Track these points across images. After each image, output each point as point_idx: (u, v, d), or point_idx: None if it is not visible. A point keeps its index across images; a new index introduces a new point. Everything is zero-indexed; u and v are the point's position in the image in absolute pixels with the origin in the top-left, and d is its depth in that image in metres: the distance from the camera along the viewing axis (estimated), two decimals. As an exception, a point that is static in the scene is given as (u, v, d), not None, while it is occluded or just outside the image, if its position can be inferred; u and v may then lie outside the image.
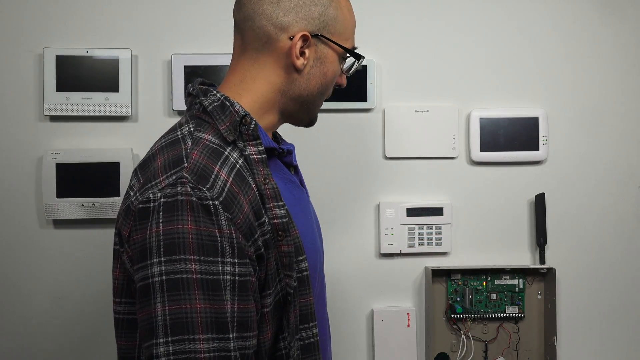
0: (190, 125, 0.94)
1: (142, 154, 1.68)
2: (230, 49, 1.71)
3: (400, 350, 1.72)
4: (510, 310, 1.72)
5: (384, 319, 1.71)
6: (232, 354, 0.81)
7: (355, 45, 1.05)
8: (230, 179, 0.86)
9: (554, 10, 1.78)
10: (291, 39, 0.96)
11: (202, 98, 0.96)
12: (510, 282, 1.73)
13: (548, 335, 1.71)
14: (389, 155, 1.73)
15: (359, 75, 1.70)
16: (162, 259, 0.81)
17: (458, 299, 1.72)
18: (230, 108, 0.93)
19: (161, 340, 0.79)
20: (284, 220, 0.90)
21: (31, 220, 1.66)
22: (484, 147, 1.74)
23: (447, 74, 1.76)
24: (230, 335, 0.81)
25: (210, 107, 0.94)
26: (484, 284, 1.73)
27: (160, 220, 0.82)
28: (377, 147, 1.74)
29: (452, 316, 1.71)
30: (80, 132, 1.66)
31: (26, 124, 1.65)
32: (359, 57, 1.03)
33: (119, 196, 1.63)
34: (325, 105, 1.71)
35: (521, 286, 1.73)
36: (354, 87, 1.70)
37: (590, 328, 1.79)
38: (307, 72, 0.99)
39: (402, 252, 1.72)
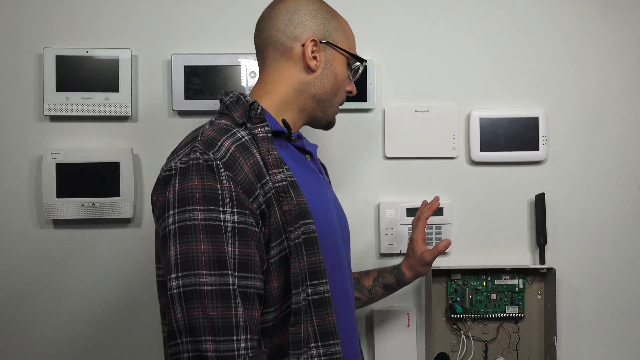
0: (213, 118, 1.15)
1: (142, 154, 1.68)
2: (230, 49, 1.72)
3: (400, 350, 1.72)
4: (510, 310, 1.72)
5: (384, 319, 1.71)
6: (231, 287, 0.96)
7: (358, 55, 1.25)
8: (233, 146, 1.04)
9: (554, 10, 1.78)
10: (303, 45, 1.17)
11: (223, 97, 1.16)
12: (510, 282, 1.73)
13: (548, 335, 1.71)
14: (389, 155, 1.73)
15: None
16: (176, 210, 0.99)
17: (458, 299, 1.72)
18: (243, 100, 1.13)
19: (174, 275, 0.96)
20: (284, 183, 1.06)
21: (31, 220, 1.66)
22: (484, 147, 1.74)
23: (447, 74, 1.76)
24: (229, 272, 0.97)
25: (228, 102, 1.14)
26: (484, 284, 1.72)
27: (177, 181, 1.01)
28: (377, 147, 1.74)
29: (452, 316, 1.71)
30: (80, 132, 1.66)
31: (26, 124, 1.65)
32: (361, 60, 1.24)
33: (119, 196, 1.63)
34: (325, 105, 1.71)
35: (521, 286, 1.73)
36: (354, 87, 1.70)
37: (590, 328, 1.79)
38: (320, 74, 1.19)
39: (402, 252, 1.72)
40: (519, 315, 1.72)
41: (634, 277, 1.80)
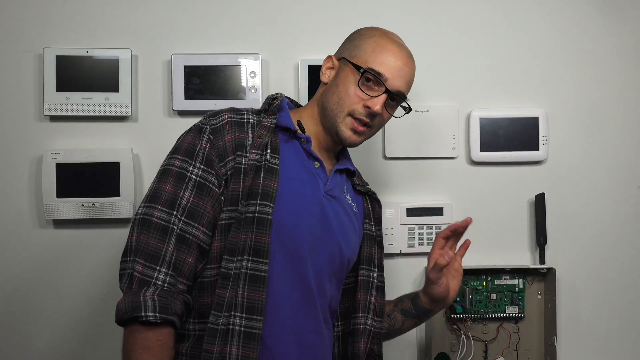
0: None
1: (142, 154, 1.68)
2: (230, 49, 1.72)
3: (401, 350, 1.72)
4: (510, 310, 1.72)
5: (384, 319, 1.71)
6: (171, 225, 1.12)
7: (380, 71, 1.22)
8: (227, 119, 1.20)
9: (554, 10, 1.78)
10: None
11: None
12: (510, 282, 1.73)
13: (548, 335, 1.71)
14: (389, 155, 1.73)
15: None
16: (169, 156, 1.18)
17: (458, 299, 1.72)
18: (272, 97, 1.29)
19: (142, 204, 1.15)
20: (255, 163, 1.17)
21: (31, 220, 1.66)
22: (484, 147, 1.74)
23: (447, 74, 1.76)
24: (175, 213, 1.12)
25: (264, 98, 1.35)
26: (484, 284, 1.73)
27: (183, 135, 1.21)
28: (377, 147, 1.74)
29: (452, 316, 1.71)
30: (80, 132, 1.66)
31: (26, 124, 1.65)
32: (358, 67, 1.23)
33: (119, 196, 1.63)
34: (325, 105, 1.70)
35: (521, 286, 1.73)
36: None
37: (590, 328, 1.79)
38: (329, 85, 1.27)
39: (402, 252, 1.72)
40: (519, 315, 1.72)
41: (634, 277, 1.80)
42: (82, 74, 1.63)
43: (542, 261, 1.74)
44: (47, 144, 1.65)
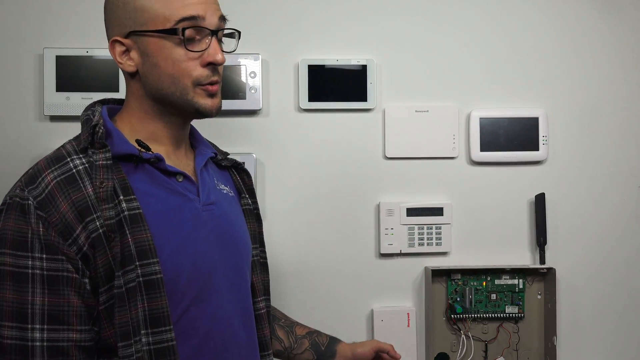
0: (73, 137, 1.06)
1: (142, 154, 1.68)
2: (230, 49, 1.70)
3: (400, 350, 1.71)
4: (510, 310, 1.72)
5: (384, 319, 1.71)
6: (30, 343, 0.90)
7: (193, 14, 0.99)
8: (54, 182, 0.95)
9: (554, 10, 1.78)
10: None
11: (83, 112, 1.07)
12: (510, 282, 1.73)
13: (548, 335, 1.71)
14: (389, 155, 1.73)
15: (359, 75, 1.70)
16: None
17: (458, 299, 1.72)
18: (92, 119, 1.02)
19: None
20: (112, 222, 0.94)
21: (31, 220, 1.65)
22: (484, 147, 1.74)
23: (447, 74, 1.76)
24: (29, 326, 0.90)
25: (82, 120, 1.05)
26: (484, 284, 1.73)
27: (2, 218, 0.95)
28: (377, 147, 1.74)
29: (452, 316, 1.71)
30: (80, 132, 1.66)
31: (26, 124, 1.65)
32: (173, 30, 0.98)
33: (119, 196, 1.62)
34: (325, 105, 1.71)
35: (521, 286, 1.73)
36: (353, 87, 1.70)
37: (590, 328, 1.79)
38: (142, 72, 1.02)
39: (402, 252, 1.72)
40: (519, 315, 1.72)
41: (633, 277, 1.80)
42: (82, 74, 1.63)
43: (542, 261, 1.74)
44: (47, 144, 1.65)
